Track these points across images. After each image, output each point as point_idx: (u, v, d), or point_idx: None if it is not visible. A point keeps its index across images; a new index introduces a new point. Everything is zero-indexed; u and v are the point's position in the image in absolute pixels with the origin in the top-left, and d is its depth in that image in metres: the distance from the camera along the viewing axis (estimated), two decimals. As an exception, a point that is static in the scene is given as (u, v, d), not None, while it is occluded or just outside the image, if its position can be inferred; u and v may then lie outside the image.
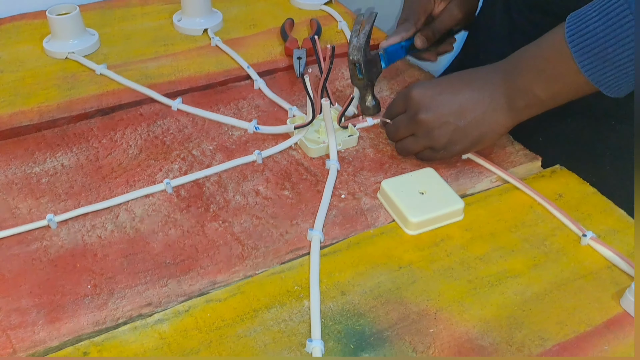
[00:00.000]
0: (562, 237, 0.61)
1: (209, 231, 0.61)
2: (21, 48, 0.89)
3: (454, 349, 0.50)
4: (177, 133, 0.74)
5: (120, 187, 0.66)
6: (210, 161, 0.69)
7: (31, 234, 0.60)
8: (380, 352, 0.50)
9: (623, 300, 0.54)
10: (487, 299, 0.54)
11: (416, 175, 0.65)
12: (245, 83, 0.83)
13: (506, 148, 0.72)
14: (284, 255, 0.59)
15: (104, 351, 0.49)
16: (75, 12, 0.87)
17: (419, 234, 0.61)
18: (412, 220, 0.60)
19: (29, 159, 0.69)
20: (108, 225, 0.61)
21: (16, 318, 0.52)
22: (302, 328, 0.52)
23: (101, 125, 0.75)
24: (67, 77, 0.83)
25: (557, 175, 0.68)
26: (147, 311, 0.53)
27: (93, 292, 0.54)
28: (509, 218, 0.63)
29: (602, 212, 0.63)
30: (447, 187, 0.63)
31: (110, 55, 0.88)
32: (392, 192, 0.62)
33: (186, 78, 0.83)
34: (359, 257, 0.58)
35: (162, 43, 0.91)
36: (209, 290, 0.55)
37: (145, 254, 0.58)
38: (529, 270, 0.57)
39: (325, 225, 0.62)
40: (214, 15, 0.96)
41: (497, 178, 0.68)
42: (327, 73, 0.65)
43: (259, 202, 0.64)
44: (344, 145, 0.72)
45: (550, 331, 0.52)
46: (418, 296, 0.55)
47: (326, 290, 0.55)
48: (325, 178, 0.67)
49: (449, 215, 0.61)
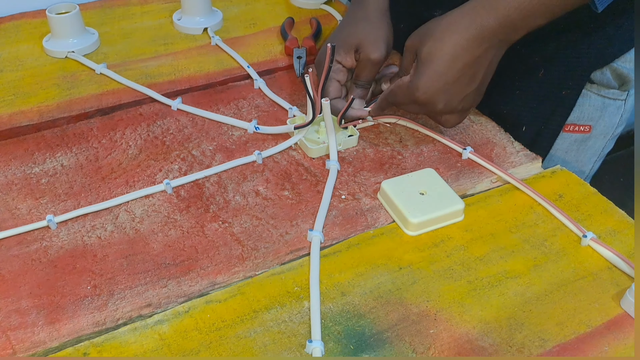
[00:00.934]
0: (562, 238, 0.61)
1: (208, 232, 0.61)
2: (21, 47, 0.89)
3: (454, 350, 0.50)
4: (177, 133, 0.74)
5: (120, 187, 0.66)
6: (210, 161, 0.69)
7: (31, 234, 0.60)
8: (380, 353, 0.50)
9: (623, 301, 0.54)
10: (487, 300, 0.54)
11: (416, 176, 0.65)
12: (245, 82, 0.83)
13: (506, 148, 0.72)
14: (283, 256, 0.59)
15: (104, 352, 0.49)
16: (75, 11, 0.86)
17: (419, 234, 0.61)
18: (412, 220, 0.60)
19: (29, 159, 0.69)
20: (108, 225, 0.61)
21: (16, 319, 0.52)
22: (302, 329, 0.52)
23: (101, 125, 0.74)
24: (66, 76, 0.83)
25: (557, 176, 0.68)
26: (147, 312, 0.53)
27: (93, 292, 0.54)
28: (509, 219, 0.63)
29: (603, 212, 0.63)
30: (447, 187, 0.63)
31: (110, 55, 0.87)
32: (392, 192, 0.62)
33: (186, 77, 0.83)
34: (359, 258, 0.58)
35: (162, 42, 0.91)
36: (209, 291, 0.55)
37: (145, 255, 0.58)
38: (529, 271, 0.57)
39: (325, 226, 0.62)
40: (214, 14, 0.96)
41: (497, 178, 0.68)
42: (327, 72, 0.65)
43: (258, 203, 0.64)
44: (344, 145, 0.71)
45: (550, 332, 0.52)
46: (418, 297, 0.54)
47: (326, 291, 0.55)
48: (325, 178, 0.67)
49: (449, 215, 0.61)
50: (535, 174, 0.69)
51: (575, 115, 0.77)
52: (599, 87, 0.75)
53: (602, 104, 0.76)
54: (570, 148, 0.80)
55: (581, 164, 0.82)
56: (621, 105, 0.77)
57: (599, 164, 0.84)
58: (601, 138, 0.80)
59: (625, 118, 0.79)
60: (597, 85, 0.75)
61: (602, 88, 0.75)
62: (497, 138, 0.74)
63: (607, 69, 0.74)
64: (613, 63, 0.73)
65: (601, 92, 0.75)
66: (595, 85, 0.75)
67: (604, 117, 0.77)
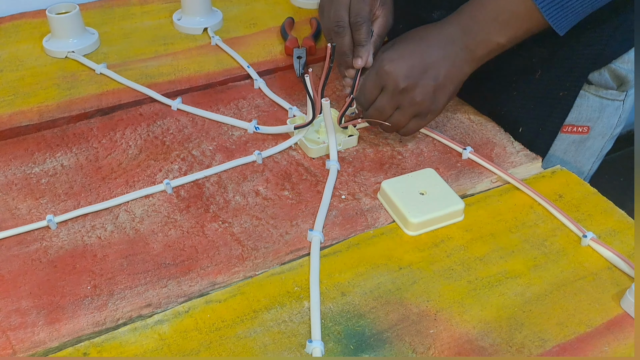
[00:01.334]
0: (562, 238, 0.61)
1: (208, 232, 0.61)
2: (21, 47, 0.89)
3: (454, 350, 0.50)
4: (177, 133, 0.74)
5: (120, 187, 0.66)
6: (210, 161, 0.69)
7: (31, 234, 0.60)
8: (380, 353, 0.50)
9: (623, 301, 0.54)
10: (487, 300, 0.54)
11: (416, 176, 0.65)
12: (245, 82, 0.83)
13: (506, 148, 0.72)
14: (284, 256, 0.59)
15: (104, 352, 0.49)
16: (75, 11, 0.86)
17: (419, 234, 0.61)
18: (412, 220, 0.60)
19: (29, 159, 0.69)
20: (108, 225, 0.61)
21: (16, 319, 0.52)
22: (302, 329, 0.52)
23: (101, 125, 0.74)
24: (66, 76, 0.83)
25: (557, 176, 0.68)
26: (147, 312, 0.53)
27: (93, 292, 0.54)
28: (509, 219, 0.63)
29: (603, 212, 0.63)
30: (447, 187, 0.63)
31: (110, 55, 0.88)
32: (392, 192, 0.62)
33: (186, 77, 0.83)
34: (359, 258, 0.58)
35: (162, 42, 0.91)
36: (209, 291, 0.55)
37: (145, 255, 0.58)
38: (529, 271, 0.57)
39: (325, 226, 0.62)
40: (214, 14, 0.96)
41: (497, 178, 0.68)
42: (327, 72, 0.65)
43: (258, 203, 0.64)
44: (344, 145, 0.71)
45: (550, 332, 0.52)
46: (418, 297, 0.54)
47: (326, 291, 0.55)
48: (325, 178, 0.67)
49: (450, 215, 0.61)
50: (535, 174, 0.69)
51: (573, 116, 0.77)
52: (597, 88, 0.75)
53: (600, 105, 0.76)
54: (569, 149, 0.80)
55: (580, 165, 0.82)
56: (619, 105, 0.77)
57: (598, 164, 0.84)
58: (600, 139, 0.80)
59: (623, 119, 0.79)
60: (595, 86, 0.75)
61: (600, 89, 0.75)
62: (497, 138, 0.74)
63: (605, 70, 0.73)
64: (611, 64, 0.73)
65: (599, 92, 0.75)
66: (593, 86, 0.75)
67: (602, 117, 0.77)
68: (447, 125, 0.76)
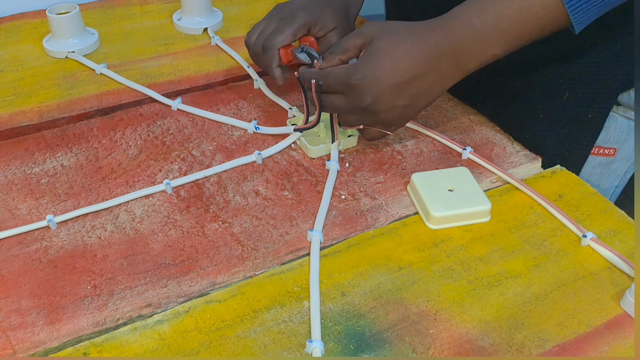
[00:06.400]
0: (562, 238, 0.61)
1: (208, 232, 0.61)
2: (21, 47, 0.89)
3: (454, 350, 0.50)
4: (177, 133, 0.74)
5: (120, 187, 0.66)
6: (210, 161, 0.69)
7: (31, 234, 0.60)
8: (380, 353, 0.50)
9: (623, 302, 0.54)
10: (487, 300, 0.54)
11: (448, 172, 0.65)
12: (245, 82, 0.83)
13: (506, 148, 0.72)
14: (283, 256, 0.59)
15: (104, 352, 0.50)
16: (75, 11, 0.86)
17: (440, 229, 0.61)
18: (434, 214, 0.60)
19: (29, 159, 0.69)
20: (108, 225, 0.61)
21: (16, 319, 0.52)
22: (302, 329, 0.52)
23: (101, 126, 0.74)
24: (66, 76, 0.83)
25: (557, 176, 0.68)
26: (147, 312, 0.53)
27: (93, 292, 0.55)
28: (508, 219, 0.63)
29: (602, 212, 0.63)
30: (477, 187, 0.63)
31: (110, 55, 0.88)
32: (420, 185, 0.63)
33: (186, 78, 0.83)
34: (359, 258, 0.58)
35: (162, 42, 0.91)
36: (209, 291, 0.55)
37: (145, 255, 0.58)
38: (528, 271, 0.57)
39: (325, 226, 0.62)
40: (214, 14, 0.96)
41: (497, 178, 0.68)
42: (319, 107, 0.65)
43: (258, 203, 0.64)
44: (344, 145, 0.71)
45: (550, 332, 0.52)
46: (418, 297, 0.55)
47: (326, 291, 0.55)
48: (325, 178, 0.67)
49: (474, 215, 0.61)
50: (535, 174, 0.69)
51: (600, 138, 0.74)
52: (625, 109, 0.72)
53: (628, 127, 0.73)
54: (594, 172, 0.77)
55: (603, 189, 0.79)
56: None
57: (621, 189, 0.81)
58: (624, 162, 0.77)
59: None
60: (623, 107, 0.72)
61: (628, 110, 0.72)
62: (497, 138, 0.74)
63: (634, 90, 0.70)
64: None
65: (627, 114, 0.73)
66: (622, 107, 0.72)
67: (629, 140, 0.74)
68: (447, 125, 0.76)
